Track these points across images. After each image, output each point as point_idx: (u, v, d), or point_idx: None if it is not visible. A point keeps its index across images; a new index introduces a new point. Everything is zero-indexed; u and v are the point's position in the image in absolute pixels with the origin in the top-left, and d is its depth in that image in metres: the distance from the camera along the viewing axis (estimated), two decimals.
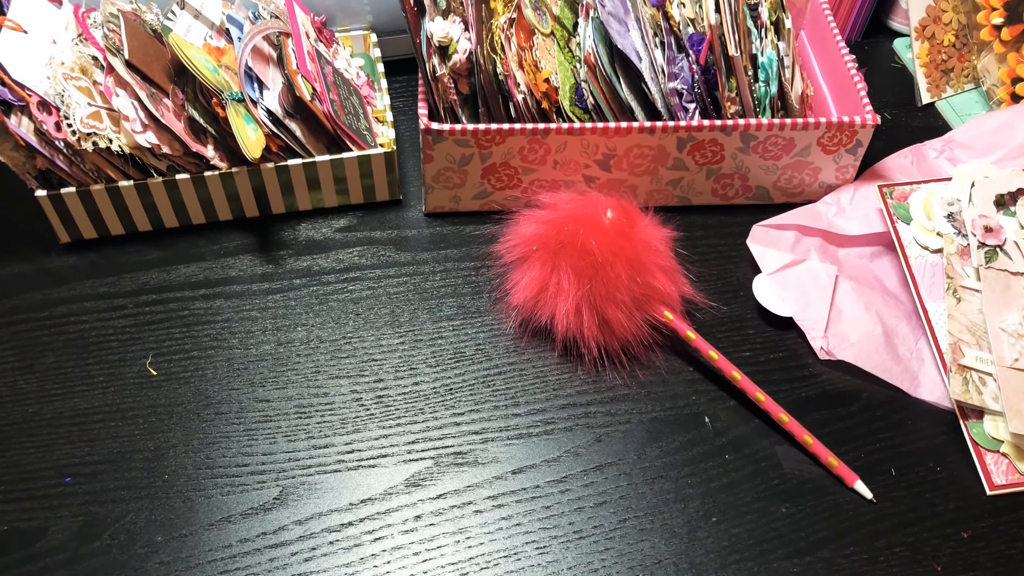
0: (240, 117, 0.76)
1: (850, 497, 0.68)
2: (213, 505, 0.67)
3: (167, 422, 0.71)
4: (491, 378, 0.74)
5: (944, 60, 0.97)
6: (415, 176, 0.89)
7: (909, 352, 0.75)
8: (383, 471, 0.69)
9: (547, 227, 0.74)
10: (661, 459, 0.70)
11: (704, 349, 0.73)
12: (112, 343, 0.76)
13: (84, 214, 0.80)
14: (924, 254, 0.77)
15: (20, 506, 0.66)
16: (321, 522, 0.66)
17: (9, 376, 0.74)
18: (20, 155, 0.76)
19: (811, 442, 0.69)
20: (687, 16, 0.77)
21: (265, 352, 0.75)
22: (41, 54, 0.77)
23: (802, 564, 0.64)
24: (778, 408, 0.70)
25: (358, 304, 0.79)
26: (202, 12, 0.83)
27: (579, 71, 0.81)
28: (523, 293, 0.74)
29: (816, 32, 0.92)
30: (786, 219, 0.83)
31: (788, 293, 0.78)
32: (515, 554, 0.65)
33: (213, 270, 0.81)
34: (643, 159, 0.81)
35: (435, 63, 0.79)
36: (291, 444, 0.70)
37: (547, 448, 0.70)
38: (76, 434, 0.70)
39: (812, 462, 0.69)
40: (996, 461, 0.69)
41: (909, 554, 0.65)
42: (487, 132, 0.78)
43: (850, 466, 0.69)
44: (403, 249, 0.83)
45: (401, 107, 0.94)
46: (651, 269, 0.73)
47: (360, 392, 0.73)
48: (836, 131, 0.80)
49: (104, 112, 0.76)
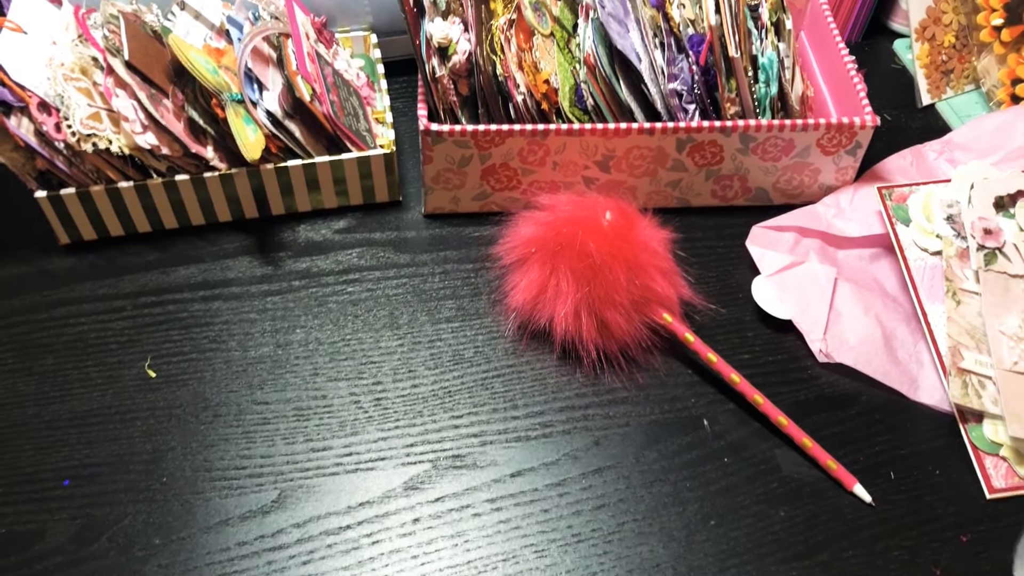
0: (240, 118, 0.76)
1: (849, 501, 0.68)
2: (211, 508, 0.67)
3: (166, 424, 0.71)
4: (490, 381, 0.74)
5: (944, 61, 0.97)
6: (415, 177, 0.89)
7: (908, 355, 0.75)
8: (381, 474, 0.69)
9: (546, 229, 0.74)
10: (659, 462, 0.70)
11: (703, 352, 0.73)
12: (111, 345, 0.76)
13: (84, 215, 0.80)
14: (923, 256, 0.77)
15: (18, 509, 0.66)
16: (319, 525, 0.66)
17: (8, 378, 0.74)
18: (20, 156, 0.76)
19: (810, 445, 0.69)
20: (687, 17, 0.77)
21: (264, 354, 0.75)
22: (41, 55, 0.77)
23: (801, 568, 0.64)
24: (777, 411, 0.70)
25: (357, 306, 0.79)
26: (202, 13, 0.83)
27: (579, 72, 0.81)
28: (522, 295, 0.74)
29: (816, 33, 0.92)
30: (785, 220, 0.82)
31: (787, 295, 0.77)
32: (513, 557, 0.65)
33: (212, 272, 0.81)
34: (642, 160, 0.81)
35: (435, 64, 0.79)
36: (289, 447, 0.70)
37: (545, 451, 0.70)
38: (74, 436, 0.70)
39: (811, 465, 0.69)
40: (995, 465, 0.69)
41: (908, 558, 0.65)
42: (487, 133, 0.78)
43: (849, 469, 0.68)
44: (402, 251, 0.83)
45: (401, 108, 0.94)
46: (650, 271, 0.73)
47: (358, 395, 0.73)
48: (836, 132, 0.80)
49: (104, 113, 0.76)
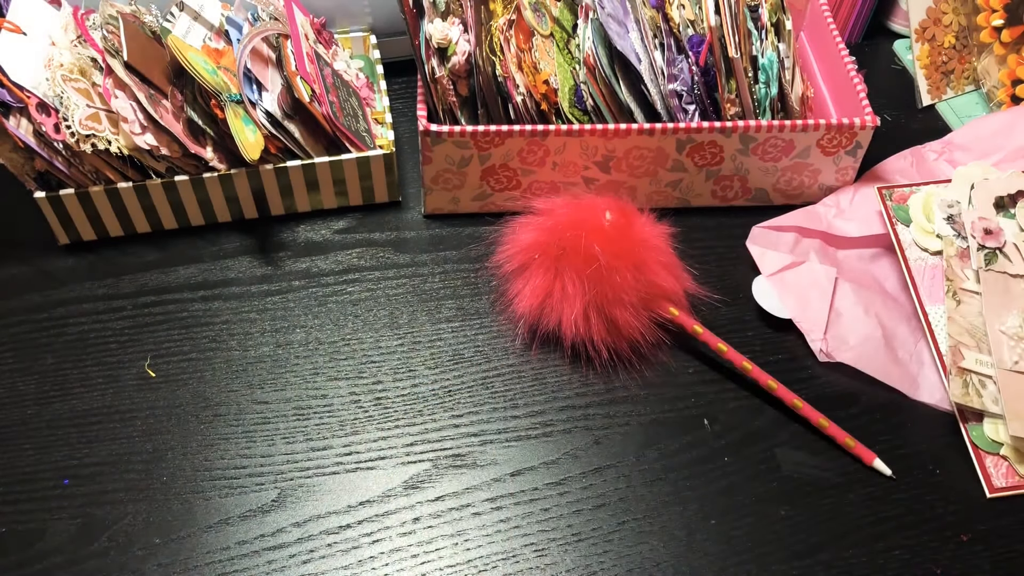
0: (239, 119, 0.76)
1: (849, 500, 0.68)
2: (211, 507, 0.67)
3: (165, 424, 0.71)
4: (490, 380, 0.74)
5: (944, 62, 0.97)
6: (414, 178, 0.89)
7: (909, 354, 0.75)
8: (381, 473, 0.69)
9: (547, 234, 0.74)
10: (660, 461, 0.70)
11: (712, 342, 0.73)
12: (111, 345, 0.76)
13: (83, 216, 0.80)
14: (924, 256, 0.77)
15: (18, 508, 0.66)
16: (319, 524, 0.66)
17: (7, 378, 0.74)
18: (19, 157, 0.76)
19: (826, 425, 0.70)
20: (687, 17, 0.77)
21: (264, 354, 0.75)
22: (40, 56, 0.77)
23: (801, 567, 0.64)
24: (791, 395, 0.71)
25: (357, 306, 0.79)
26: (201, 14, 0.83)
27: (578, 73, 0.81)
28: (527, 301, 0.73)
29: (816, 34, 0.92)
30: (785, 221, 0.82)
31: (787, 295, 0.77)
32: (513, 556, 0.65)
33: (212, 272, 0.81)
34: (642, 161, 0.81)
35: (434, 65, 0.79)
36: (289, 446, 0.70)
37: (546, 450, 0.70)
38: (74, 436, 0.70)
39: (811, 464, 0.69)
40: (996, 464, 0.69)
41: (908, 557, 0.65)
42: (486, 134, 0.78)
43: (850, 468, 0.69)
44: (402, 251, 0.83)
45: (400, 109, 0.94)
46: (654, 267, 0.73)
47: (359, 394, 0.73)
48: (836, 133, 0.80)
49: (103, 114, 0.76)
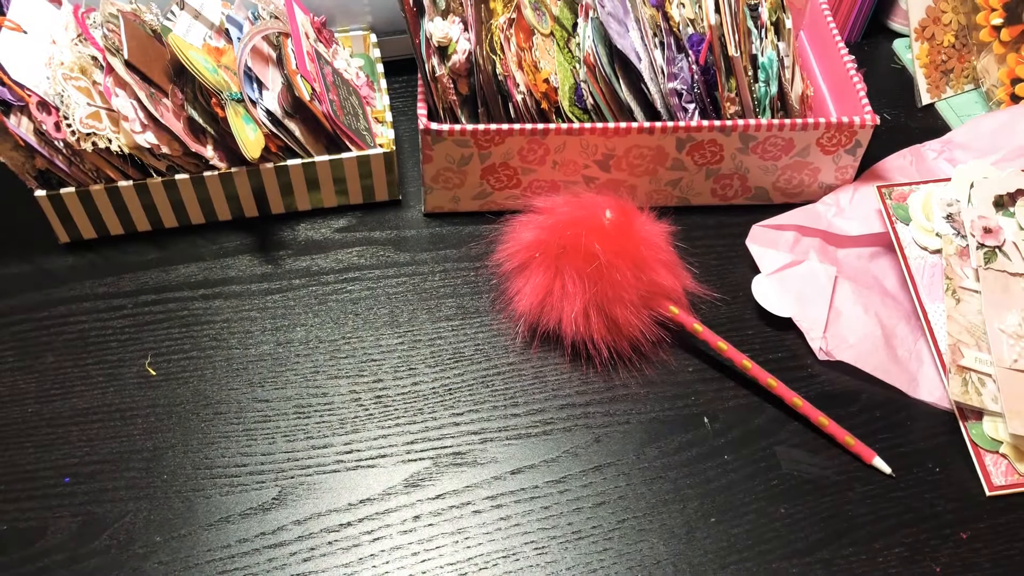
0: (239, 117, 0.76)
1: (849, 498, 0.68)
2: (212, 505, 0.67)
3: (166, 422, 0.71)
4: (490, 378, 0.74)
5: (944, 61, 0.97)
6: (414, 176, 0.89)
7: (908, 353, 0.75)
8: (382, 471, 0.69)
9: (547, 233, 0.74)
10: (660, 459, 0.70)
11: (712, 341, 0.73)
12: (111, 343, 0.76)
13: (83, 214, 0.80)
14: (923, 255, 0.77)
15: (19, 506, 0.66)
16: (320, 522, 0.66)
17: (8, 376, 0.74)
18: (19, 155, 0.76)
19: (826, 423, 0.70)
20: (687, 16, 0.77)
21: (264, 352, 0.75)
22: (41, 54, 0.77)
23: (801, 565, 0.64)
24: (791, 393, 0.71)
25: (357, 304, 0.79)
26: (201, 12, 0.83)
27: (578, 71, 0.81)
28: (528, 300, 0.74)
29: (816, 32, 0.92)
30: (785, 219, 0.83)
31: (787, 293, 0.77)
32: (513, 554, 0.65)
33: (212, 270, 0.81)
34: (642, 159, 0.81)
35: (434, 63, 0.79)
36: (290, 444, 0.70)
37: (546, 448, 0.70)
38: (75, 434, 0.70)
39: (811, 463, 0.69)
40: (995, 462, 0.69)
41: (908, 555, 0.65)
42: (486, 132, 0.78)
43: (849, 466, 0.69)
44: (402, 249, 0.83)
45: (400, 107, 0.94)
46: (654, 266, 0.73)
47: (359, 392, 0.73)
48: (835, 131, 0.80)
49: (103, 112, 0.76)
